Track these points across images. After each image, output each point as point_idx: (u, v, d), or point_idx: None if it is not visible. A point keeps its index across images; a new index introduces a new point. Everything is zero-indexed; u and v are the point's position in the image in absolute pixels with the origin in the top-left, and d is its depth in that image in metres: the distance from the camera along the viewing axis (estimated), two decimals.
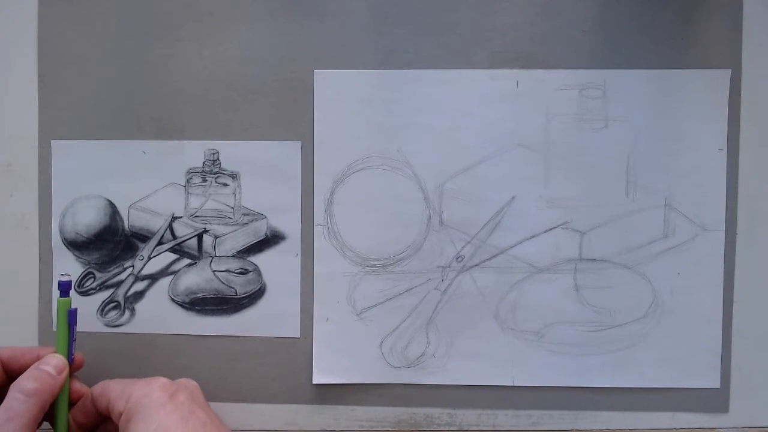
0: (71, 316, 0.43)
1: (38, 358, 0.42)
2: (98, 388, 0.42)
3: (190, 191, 0.49)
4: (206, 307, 0.49)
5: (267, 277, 0.49)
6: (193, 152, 0.49)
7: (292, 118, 0.48)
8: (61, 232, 0.49)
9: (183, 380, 0.43)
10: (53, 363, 0.42)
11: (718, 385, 0.48)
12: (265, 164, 0.48)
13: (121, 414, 0.39)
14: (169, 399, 0.39)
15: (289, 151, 0.48)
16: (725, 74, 0.48)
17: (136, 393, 0.40)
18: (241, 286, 0.49)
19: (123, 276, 0.49)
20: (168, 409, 0.39)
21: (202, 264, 0.49)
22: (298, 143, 0.48)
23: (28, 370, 0.41)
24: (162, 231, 0.49)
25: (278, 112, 0.48)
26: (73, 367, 0.44)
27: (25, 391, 0.39)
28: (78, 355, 0.44)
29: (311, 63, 0.48)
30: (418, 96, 0.48)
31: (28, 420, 0.39)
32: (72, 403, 0.43)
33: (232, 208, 0.49)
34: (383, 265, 0.48)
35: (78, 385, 0.44)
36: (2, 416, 0.38)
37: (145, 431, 0.38)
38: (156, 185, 0.49)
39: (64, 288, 0.44)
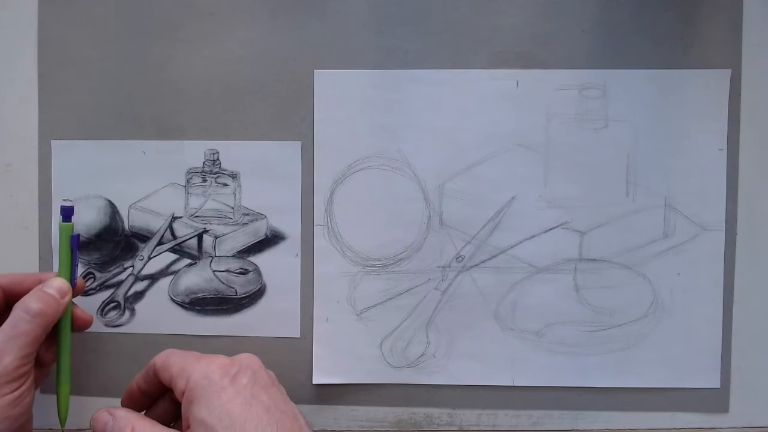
0: (74, 240, 0.44)
1: (40, 283, 0.42)
2: (160, 361, 0.41)
3: (190, 191, 0.49)
4: (206, 307, 0.49)
5: (267, 277, 0.49)
6: (193, 152, 0.49)
7: (292, 118, 0.48)
8: None
9: (244, 358, 0.40)
10: (56, 286, 0.42)
11: (718, 385, 0.48)
12: (265, 164, 0.48)
13: (182, 393, 0.38)
14: (230, 382, 0.38)
15: (289, 151, 0.48)
16: (725, 74, 0.48)
17: (196, 374, 0.38)
18: (241, 286, 0.49)
19: (123, 276, 0.49)
20: (229, 394, 0.37)
21: (202, 264, 0.49)
22: (298, 143, 0.48)
23: (32, 291, 0.41)
24: (162, 231, 0.49)
25: (278, 112, 0.48)
26: (75, 292, 0.44)
27: (30, 311, 0.40)
28: (79, 281, 0.45)
29: (311, 63, 0.48)
30: (418, 96, 0.48)
31: (32, 339, 0.40)
32: (73, 329, 0.44)
33: (232, 208, 0.49)
34: (383, 265, 0.48)
35: (79, 311, 0.45)
36: (8, 333, 0.39)
37: (208, 416, 0.36)
38: (156, 185, 0.49)
39: (67, 213, 0.44)
